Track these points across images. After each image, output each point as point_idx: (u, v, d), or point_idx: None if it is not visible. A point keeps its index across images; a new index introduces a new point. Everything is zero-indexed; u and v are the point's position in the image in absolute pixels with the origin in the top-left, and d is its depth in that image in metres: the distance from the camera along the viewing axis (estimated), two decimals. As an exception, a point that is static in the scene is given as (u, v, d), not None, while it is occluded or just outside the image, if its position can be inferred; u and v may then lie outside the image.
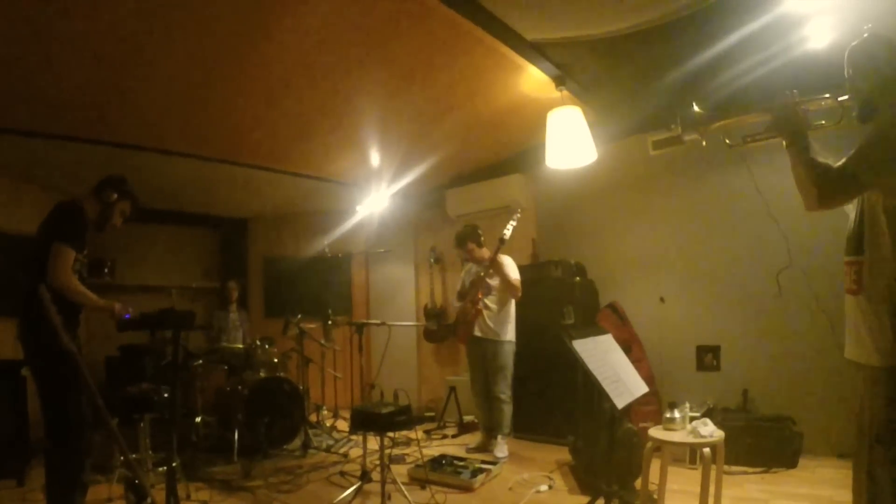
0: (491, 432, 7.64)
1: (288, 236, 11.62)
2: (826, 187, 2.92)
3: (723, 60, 6.06)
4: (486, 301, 7.62)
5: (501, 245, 7.26)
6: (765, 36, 5.60)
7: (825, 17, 5.33)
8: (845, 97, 3.13)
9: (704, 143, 3.49)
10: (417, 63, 6.16)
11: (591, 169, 7.15)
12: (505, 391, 7.50)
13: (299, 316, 8.60)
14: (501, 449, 7.40)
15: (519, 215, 7.35)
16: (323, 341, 9.00)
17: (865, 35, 3.15)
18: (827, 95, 3.18)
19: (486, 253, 7.78)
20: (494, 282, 7.61)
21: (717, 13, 5.27)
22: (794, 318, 6.86)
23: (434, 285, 10.57)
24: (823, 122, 3.24)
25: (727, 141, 3.59)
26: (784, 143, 3.14)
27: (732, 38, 5.62)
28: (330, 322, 8.98)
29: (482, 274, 7.61)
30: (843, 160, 2.90)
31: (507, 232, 7.21)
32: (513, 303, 7.67)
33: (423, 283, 10.87)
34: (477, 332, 7.59)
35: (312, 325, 8.79)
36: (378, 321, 8.37)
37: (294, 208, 11.35)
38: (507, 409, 7.52)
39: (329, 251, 9.76)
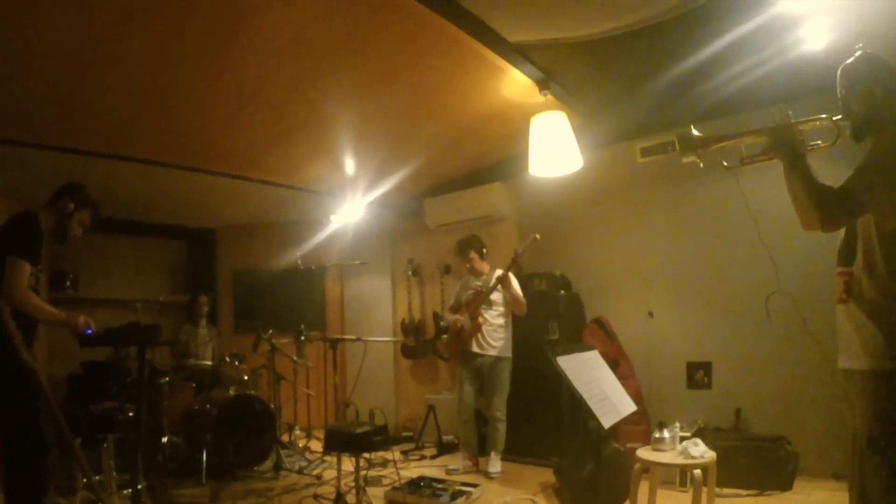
0: (484, 450, 7.68)
1: (259, 248, 11.51)
2: (828, 210, 3.00)
3: (715, 63, 6.09)
4: (487, 315, 7.62)
5: (514, 261, 7.35)
6: (758, 37, 5.62)
7: (821, 17, 5.34)
8: (839, 116, 3.27)
9: (702, 166, 3.58)
10: (394, 66, 6.17)
11: (576, 177, 7.17)
12: (501, 409, 7.53)
13: (271, 331, 8.56)
14: (495, 465, 7.44)
15: (538, 237, 7.29)
16: (295, 358, 8.91)
17: (858, 53, 3.25)
18: (823, 116, 3.31)
19: (485, 266, 7.86)
20: (495, 296, 7.63)
21: (709, 14, 5.29)
22: (789, 332, 6.85)
23: (412, 299, 10.53)
24: (820, 142, 3.36)
25: (724, 163, 3.67)
26: (782, 166, 3.20)
27: (724, 40, 5.64)
28: (303, 337, 8.88)
29: (482, 288, 7.64)
30: (843, 181, 2.98)
31: (522, 251, 7.33)
32: (511, 320, 7.72)
33: (400, 297, 10.83)
34: (475, 348, 7.60)
35: (284, 341, 8.73)
36: (353, 337, 8.36)
37: (265, 218, 11.27)
38: (503, 428, 7.55)
39: (302, 263, 9.69)
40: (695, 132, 3.49)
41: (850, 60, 3.26)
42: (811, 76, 5.43)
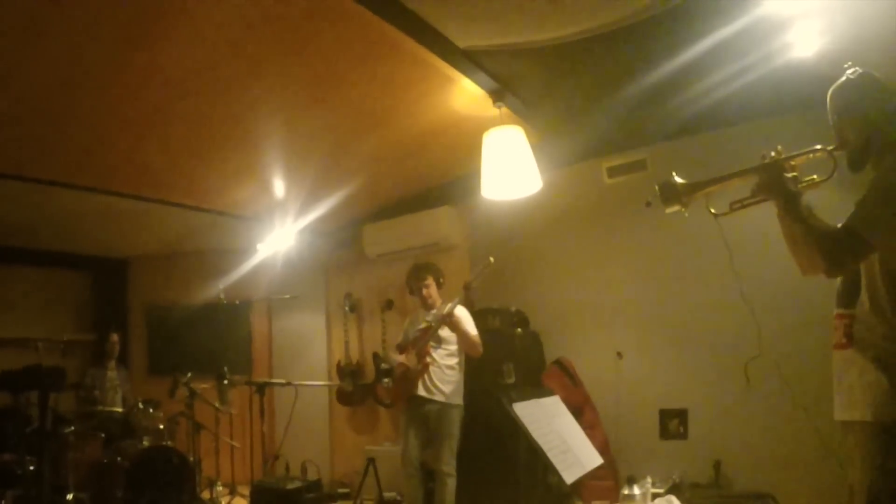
0: None
1: (176, 280, 11.47)
2: (833, 253, 3.02)
3: (691, 72, 6.11)
4: (436, 355, 7.45)
5: (466, 292, 7.23)
6: (741, 43, 5.62)
7: (811, 20, 5.35)
8: (834, 146, 3.28)
9: (687, 215, 3.55)
10: (329, 75, 6.17)
11: (535, 200, 7.15)
12: (450, 462, 7.35)
13: (189, 374, 8.58)
14: None
15: (492, 261, 7.17)
16: (217, 404, 8.93)
17: (848, 74, 3.26)
18: (818, 147, 3.30)
19: (440, 299, 7.73)
20: (446, 333, 7.47)
21: (685, 16, 5.32)
22: (775, 376, 6.78)
23: (349, 338, 10.45)
24: (815, 176, 3.35)
25: (712, 210, 3.64)
26: (776, 208, 3.22)
27: (702, 46, 5.65)
28: (226, 381, 8.91)
29: (433, 324, 7.48)
30: (847, 219, 2.99)
31: (476, 279, 7.19)
32: (464, 362, 7.58)
33: (336, 336, 10.78)
34: (421, 392, 7.39)
35: (205, 385, 8.76)
36: (283, 380, 8.47)
37: (183, 247, 11.22)
38: (452, 484, 7.37)
39: (225, 297, 9.71)
40: (677, 179, 3.48)
41: (839, 83, 3.27)
42: (800, 86, 5.47)
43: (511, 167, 6.63)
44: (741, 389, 7.00)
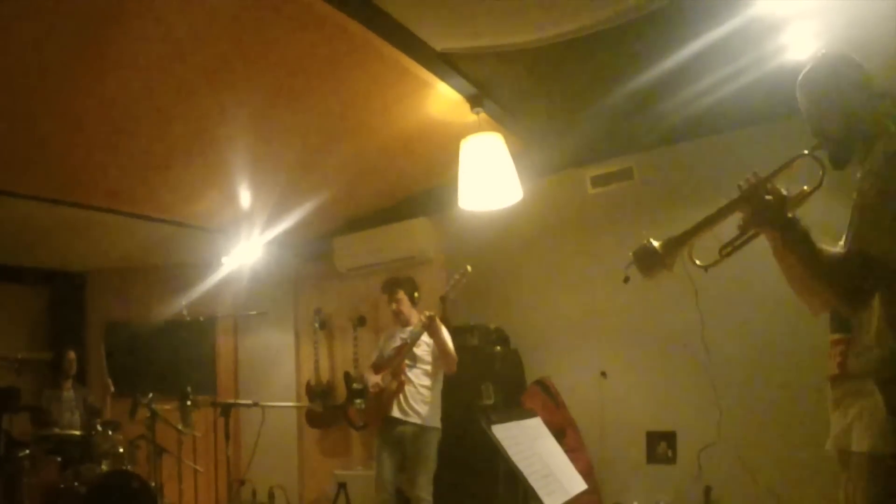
0: None
1: (137, 295, 11.40)
2: (849, 288, 2.82)
3: (680, 75, 6.08)
4: (411, 375, 7.44)
5: (443, 305, 7.30)
6: (732, 45, 5.59)
7: (807, 21, 5.33)
8: (813, 146, 3.11)
9: (673, 271, 3.31)
10: (298, 79, 6.16)
11: (515, 211, 7.14)
12: (426, 488, 7.33)
13: (151, 395, 8.44)
14: None
15: (470, 270, 7.19)
16: (180, 426, 8.82)
17: (818, 58, 3.18)
18: (805, 152, 3.11)
19: (415, 315, 7.70)
20: (422, 351, 7.47)
21: (673, 17, 5.28)
22: (770, 397, 6.86)
23: (319, 356, 10.43)
24: (805, 187, 3.13)
25: (697, 262, 3.40)
26: (771, 241, 3.05)
27: (692, 48, 5.63)
28: (189, 402, 8.79)
29: (409, 340, 7.45)
30: (851, 239, 2.82)
31: (451, 290, 7.20)
32: (441, 381, 7.57)
33: (305, 354, 10.75)
34: (396, 413, 7.37)
35: (167, 407, 8.66)
36: (249, 401, 8.44)
37: (144, 261, 11.17)
38: None
39: (188, 314, 9.63)
40: (653, 243, 3.24)
41: (807, 69, 3.17)
42: (794, 91, 5.40)
43: (490, 176, 6.62)
44: (734, 411, 7.01)
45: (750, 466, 6.67)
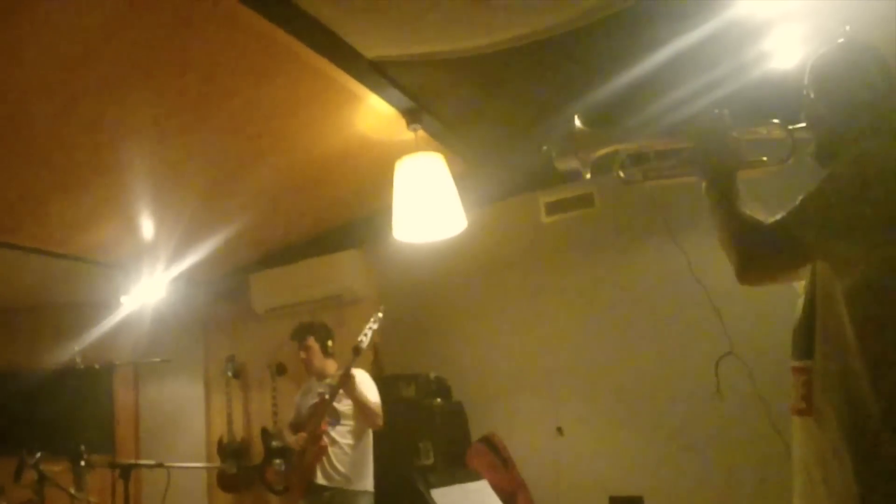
0: None
1: (22, 340, 11.24)
2: (752, 251, 2.84)
3: (648, 86, 6.02)
4: (334, 434, 7.35)
5: (356, 357, 7.08)
6: (709, 51, 5.53)
7: (793, 25, 5.27)
8: (800, 125, 3.13)
9: (588, 176, 3.39)
10: (209, 91, 5.99)
11: (459, 243, 7.05)
12: None
13: (39, 454, 8.13)
14: None
15: (381, 316, 7.26)
16: (72, 490, 8.52)
17: (840, 42, 3.09)
18: (776, 121, 3.19)
19: (331, 365, 7.69)
20: (344, 406, 7.38)
21: (640, 19, 5.21)
22: (747, 450, 6.76)
23: (233, 410, 10.38)
24: (765, 158, 3.21)
25: (621, 174, 3.48)
26: (702, 183, 3.05)
27: (662, 55, 5.54)
28: (83, 463, 8.50)
29: (326, 396, 7.35)
30: (782, 214, 2.78)
31: (365, 339, 7.11)
32: (370, 438, 7.50)
33: (216, 407, 10.69)
34: (320, 479, 7.29)
35: (58, 468, 8.35)
36: (152, 462, 8.13)
37: (30, 300, 11.03)
38: None
39: (82, 361, 9.26)
40: (578, 125, 3.27)
41: (824, 52, 3.09)
42: (780, 103, 5.33)
43: (429, 203, 6.54)
44: (706, 473, 6.94)
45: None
